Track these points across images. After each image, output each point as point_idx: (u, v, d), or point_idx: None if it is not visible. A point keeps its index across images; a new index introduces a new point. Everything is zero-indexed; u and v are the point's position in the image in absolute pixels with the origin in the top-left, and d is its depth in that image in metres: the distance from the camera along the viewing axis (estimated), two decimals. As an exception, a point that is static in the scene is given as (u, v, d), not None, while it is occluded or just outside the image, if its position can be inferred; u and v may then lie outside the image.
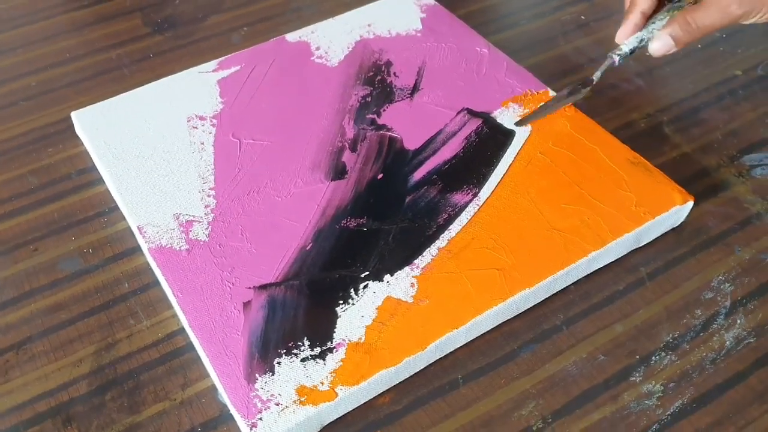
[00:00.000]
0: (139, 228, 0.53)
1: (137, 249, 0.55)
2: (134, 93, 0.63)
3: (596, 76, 0.56)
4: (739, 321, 0.50)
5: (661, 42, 0.52)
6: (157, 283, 0.53)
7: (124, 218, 0.57)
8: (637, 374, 0.47)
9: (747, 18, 0.51)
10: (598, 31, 0.73)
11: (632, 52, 0.54)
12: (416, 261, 0.51)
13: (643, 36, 0.54)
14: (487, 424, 0.45)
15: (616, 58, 0.54)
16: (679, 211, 0.54)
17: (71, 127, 0.64)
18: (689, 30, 0.51)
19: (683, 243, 0.55)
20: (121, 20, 0.76)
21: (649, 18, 0.54)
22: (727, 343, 0.49)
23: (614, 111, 0.65)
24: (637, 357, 0.48)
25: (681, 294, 0.52)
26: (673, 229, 0.55)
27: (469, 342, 0.49)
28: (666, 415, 0.46)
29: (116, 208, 0.58)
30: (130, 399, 0.47)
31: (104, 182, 0.60)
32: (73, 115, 0.62)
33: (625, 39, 0.54)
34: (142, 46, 0.73)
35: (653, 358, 0.48)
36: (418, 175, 0.57)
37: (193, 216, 0.54)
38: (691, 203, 0.54)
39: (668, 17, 0.53)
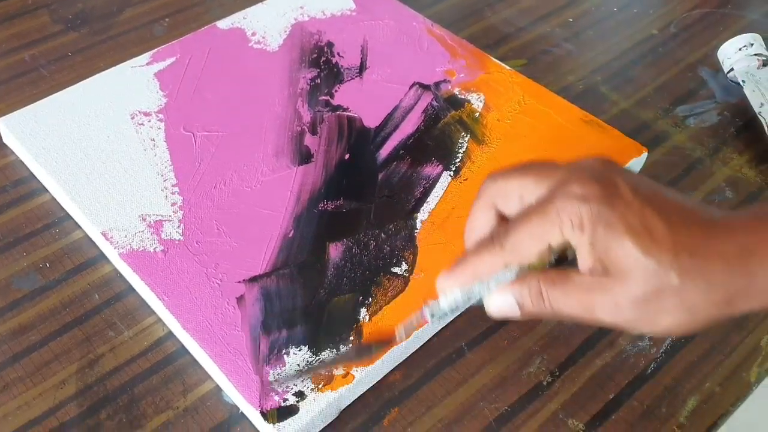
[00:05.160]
0: (103, 234, 0.50)
1: (101, 257, 0.51)
2: (65, 93, 0.59)
3: (399, 335, 0.41)
4: (704, 258, 0.53)
5: (503, 303, 0.38)
6: (131, 290, 0.50)
7: (78, 227, 0.53)
8: (627, 319, 0.50)
9: (621, 328, 0.39)
10: (521, 2, 0.75)
11: (454, 311, 0.39)
12: (402, 236, 0.51)
13: (475, 292, 0.38)
14: (500, 386, 0.46)
15: (429, 317, 0.39)
16: (637, 162, 0.57)
17: (-4, 136, 0.58)
18: (540, 306, 0.37)
19: (640, 193, 0.58)
20: (26, 19, 0.70)
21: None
22: (699, 279, 0.52)
23: (551, 76, 0.67)
24: (623, 303, 0.51)
25: (649, 240, 0.54)
26: (629, 180, 0.58)
27: (465, 310, 0.49)
28: (660, 354, 0.48)
29: (66, 217, 0.54)
30: (128, 414, 0.44)
31: (47, 191, 0.55)
32: (0, 121, 0.57)
33: (447, 290, 0.39)
34: (57, 44, 0.67)
35: (638, 302, 0.51)
36: (385, 151, 0.56)
37: (161, 215, 0.51)
38: (645, 154, 0.57)
39: (518, 270, 0.37)
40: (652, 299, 0.34)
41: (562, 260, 0.37)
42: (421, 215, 0.52)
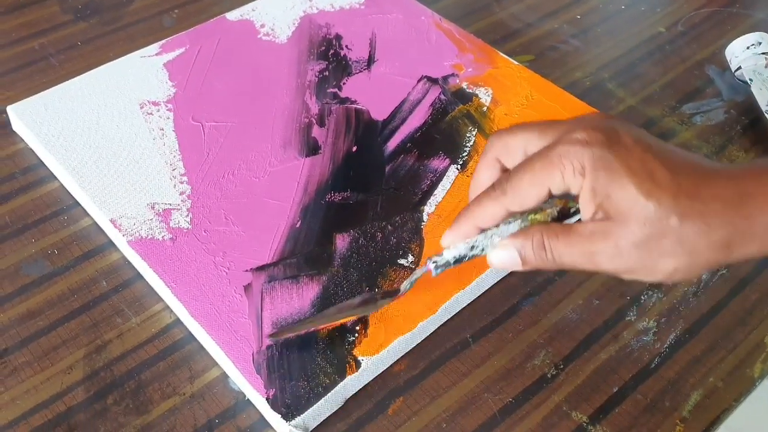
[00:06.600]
0: (112, 221, 0.50)
1: (109, 244, 0.52)
2: (75, 82, 0.59)
3: (404, 287, 0.44)
4: (709, 255, 0.54)
5: (505, 255, 0.38)
6: (139, 277, 0.50)
7: (86, 214, 0.53)
8: (631, 314, 0.50)
9: (621, 276, 0.37)
10: (528, -3, 0.76)
11: (458, 261, 0.40)
12: (409, 228, 0.51)
13: (479, 243, 0.39)
14: (504, 377, 0.46)
15: (432, 266, 0.40)
16: (643, 158, 0.57)
17: (5, 123, 0.59)
18: (542, 258, 0.37)
19: (646, 189, 0.58)
20: (35, 8, 0.70)
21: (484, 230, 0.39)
22: (704, 276, 0.52)
23: (558, 72, 0.67)
24: (628, 298, 0.51)
25: (654, 236, 0.55)
26: (635, 177, 0.58)
27: (471, 302, 0.50)
28: (664, 348, 0.48)
29: (75, 204, 0.54)
30: (135, 400, 0.44)
31: (56, 178, 0.55)
32: (10, 109, 0.57)
33: (451, 245, 0.40)
34: (67, 33, 0.68)
35: (642, 297, 0.51)
36: (392, 144, 0.56)
37: (170, 204, 0.51)
38: (652, 150, 0.57)
39: (520, 223, 0.38)
40: (653, 242, 0.34)
41: (564, 217, 0.38)
42: (428, 208, 0.52)
